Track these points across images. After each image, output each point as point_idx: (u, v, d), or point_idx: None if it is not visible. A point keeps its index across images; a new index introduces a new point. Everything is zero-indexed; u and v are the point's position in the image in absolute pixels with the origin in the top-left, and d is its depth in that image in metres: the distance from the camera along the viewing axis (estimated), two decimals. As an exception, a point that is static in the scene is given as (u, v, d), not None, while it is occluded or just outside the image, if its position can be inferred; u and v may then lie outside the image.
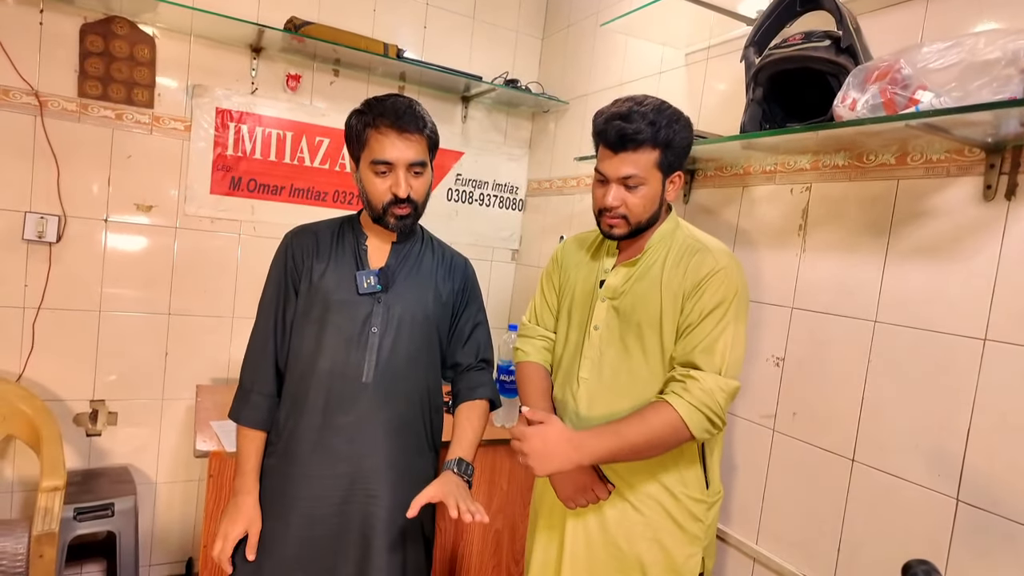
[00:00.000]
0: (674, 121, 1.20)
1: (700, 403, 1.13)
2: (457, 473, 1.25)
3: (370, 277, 1.29)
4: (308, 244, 1.33)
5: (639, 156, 1.19)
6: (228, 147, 2.18)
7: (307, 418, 1.27)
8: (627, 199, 1.22)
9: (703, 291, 1.18)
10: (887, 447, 1.28)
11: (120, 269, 2.07)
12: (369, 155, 1.25)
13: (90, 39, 1.96)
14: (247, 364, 1.33)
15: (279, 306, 1.31)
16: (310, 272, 1.30)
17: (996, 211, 1.14)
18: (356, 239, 1.34)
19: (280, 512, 1.26)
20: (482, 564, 1.90)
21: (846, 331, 1.37)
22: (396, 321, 1.29)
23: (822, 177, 1.45)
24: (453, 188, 2.63)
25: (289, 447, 1.28)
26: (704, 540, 1.27)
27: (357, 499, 1.26)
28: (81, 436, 2.07)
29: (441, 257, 1.41)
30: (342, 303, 1.28)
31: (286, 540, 1.25)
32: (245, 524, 1.26)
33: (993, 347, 1.12)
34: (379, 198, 1.26)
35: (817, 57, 1.22)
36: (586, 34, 2.41)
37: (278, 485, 1.28)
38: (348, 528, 1.26)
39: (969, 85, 1.04)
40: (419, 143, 1.26)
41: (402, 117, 1.23)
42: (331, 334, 1.27)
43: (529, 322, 1.48)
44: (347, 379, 1.26)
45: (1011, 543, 1.08)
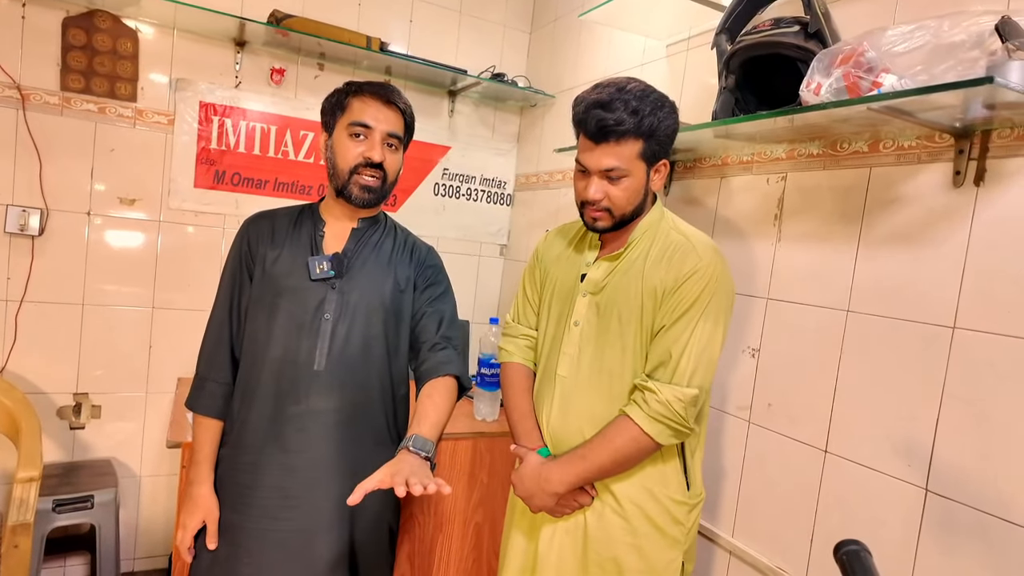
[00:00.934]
0: (658, 108, 1.14)
1: (658, 414, 1.12)
2: (413, 451, 1.09)
3: (323, 263, 1.26)
4: (264, 230, 1.31)
5: (621, 148, 1.14)
6: (212, 141, 2.18)
7: (258, 407, 1.25)
8: (610, 191, 1.17)
9: (681, 290, 1.15)
10: (859, 438, 1.26)
11: (103, 262, 2.08)
12: (348, 118, 1.25)
13: (72, 33, 1.97)
14: (203, 352, 1.31)
15: (234, 293, 1.30)
16: (264, 258, 1.28)
17: (965, 197, 1.12)
18: (314, 225, 1.32)
19: (235, 502, 1.25)
20: (462, 557, 1.89)
21: (819, 321, 1.35)
22: (351, 308, 1.27)
23: (797, 166, 1.44)
24: (440, 183, 2.62)
25: (242, 436, 1.26)
26: (684, 544, 1.24)
27: (313, 491, 1.24)
28: (64, 429, 2.07)
29: (403, 244, 1.39)
30: (293, 289, 1.26)
31: (242, 530, 1.23)
32: (202, 514, 1.25)
33: (961, 335, 1.11)
34: (350, 160, 1.25)
35: (786, 43, 1.21)
36: (572, 28, 2.40)
37: (232, 474, 1.26)
38: (301, 520, 1.24)
39: (935, 68, 1.02)
40: (399, 119, 1.30)
41: (387, 90, 1.29)
42: (282, 321, 1.25)
43: (512, 320, 1.45)
44: (298, 367, 1.24)
45: (978, 533, 1.06)
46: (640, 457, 1.17)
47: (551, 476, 1.21)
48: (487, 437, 1.89)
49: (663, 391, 1.12)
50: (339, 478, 1.25)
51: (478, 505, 1.90)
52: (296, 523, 1.24)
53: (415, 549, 1.81)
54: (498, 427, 1.93)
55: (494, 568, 1.94)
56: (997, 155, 1.08)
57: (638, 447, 1.15)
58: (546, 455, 1.27)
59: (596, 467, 1.18)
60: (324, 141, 1.32)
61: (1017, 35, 0.95)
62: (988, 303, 1.08)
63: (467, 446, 1.86)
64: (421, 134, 2.54)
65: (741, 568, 1.50)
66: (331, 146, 1.29)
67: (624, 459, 1.16)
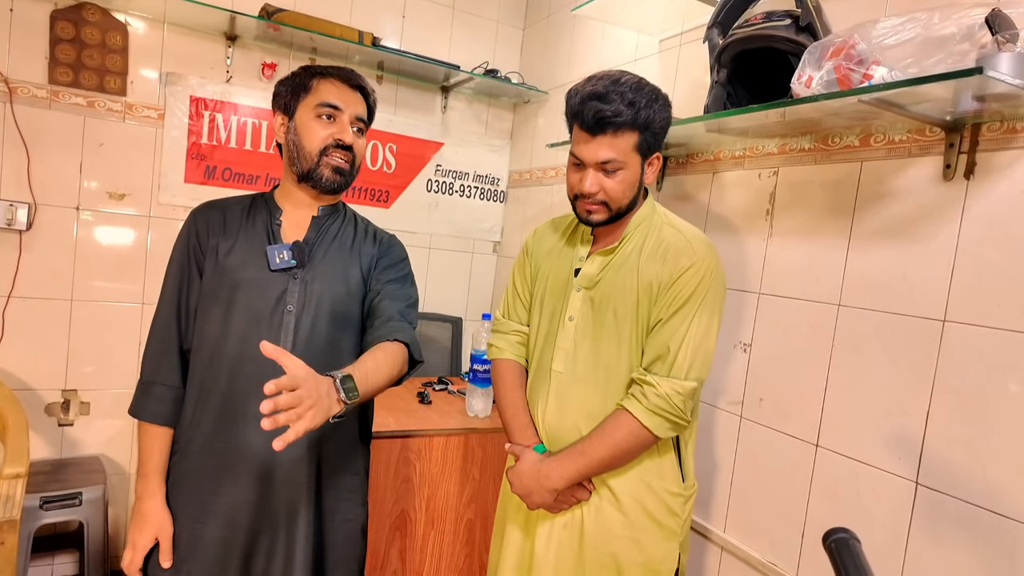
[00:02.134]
0: (653, 101, 1.14)
1: (657, 408, 1.12)
2: (337, 386, 0.96)
3: (283, 251, 1.18)
4: (214, 220, 1.22)
5: (618, 140, 1.13)
6: (203, 135, 2.17)
7: (217, 408, 1.16)
8: (605, 184, 1.16)
9: (677, 284, 1.15)
10: (850, 432, 1.26)
11: (93, 258, 2.06)
12: (315, 99, 1.20)
13: (61, 25, 1.95)
14: (147, 355, 1.21)
15: (182, 289, 1.20)
16: (215, 250, 1.19)
17: (955, 191, 1.12)
18: (269, 214, 1.25)
19: (196, 512, 1.16)
20: (454, 553, 1.88)
21: (811, 316, 1.35)
22: (315, 299, 1.19)
23: (789, 161, 1.44)
24: (433, 179, 2.61)
25: (199, 441, 1.17)
26: (680, 535, 1.24)
27: (278, 495, 1.16)
28: (53, 426, 2.06)
29: (364, 233, 1.32)
30: (251, 281, 1.17)
31: (205, 541, 1.15)
32: (154, 530, 1.15)
33: (952, 328, 1.11)
34: (318, 142, 1.19)
35: (777, 36, 1.21)
36: (565, 23, 2.39)
37: (191, 482, 1.17)
38: (271, 525, 1.17)
39: (925, 61, 1.03)
40: (364, 103, 1.26)
41: (352, 74, 1.25)
42: (239, 315, 1.16)
43: (503, 317, 1.44)
44: (259, 364, 1.08)
45: (967, 525, 1.06)
46: (639, 451, 1.17)
47: (551, 472, 1.20)
48: (479, 433, 1.88)
49: (662, 385, 1.12)
50: (308, 480, 1.18)
51: (470, 501, 1.89)
52: (260, 527, 1.16)
53: (406, 545, 1.80)
54: (490, 423, 1.92)
55: (486, 564, 1.93)
56: (987, 148, 1.08)
57: (637, 441, 1.15)
58: (542, 451, 1.26)
59: (596, 462, 1.17)
60: (281, 124, 1.23)
61: (1007, 27, 0.95)
62: (978, 297, 1.08)
63: (459, 442, 1.85)
64: (414, 130, 2.54)
65: (733, 563, 1.49)
66: (294, 128, 1.21)
67: (623, 453, 1.16)
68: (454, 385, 2.28)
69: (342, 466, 1.25)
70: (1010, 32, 0.95)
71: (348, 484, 1.26)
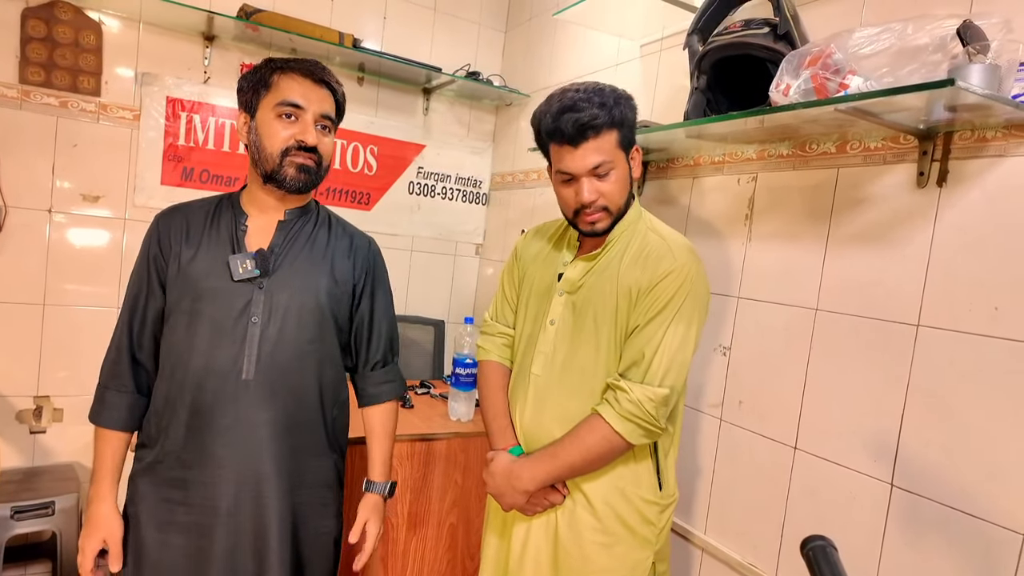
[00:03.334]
0: (619, 98, 1.17)
1: (629, 413, 1.12)
2: (385, 497, 1.34)
3: (246, 261, 1.15)
4: (177, 227, 1.19)
5: (602, 141, 1.15)
6: (180, 137, 2.13)
7: (182, 420, 1.14)
8: (602, 188, 1.17)
9: (655, 290, 1.15)
10: (827, 435, 1.28)
11: (66, 261, 2.02)
12: (276, 97, 1.14)
13: (32, 23, 1.90)
14: (105, 360, 1.21)
15: (139, 297, 1.19)
16: (178, 258, 1.16)
17: (928, 197, 1.15)
18: (234, 218, 1.20)
19: (160, 521, 1.15)
20: (436, 558, 1.88)
21: (789, 319, 1.37)
22: (281, 310, 1.16)
23: (768, 167, 1.46)
24: (415, 181, 2.60)
25: (165, 452, 1.15)
26: (656, 544, 1.24)
27: (248, 508, 1.15)
28: (24, 434, 2.01)
29: (339, 235, 1.28)
30: (214, 291, 1.14)
31: (170, 550, 1.14)
32: (102, 534, 1.14)
33: (925, 332, 1.13)
34: (279, 143, 1.14)
35: (756, 44, 1.22)
36: (547, 27, 2.40)
37: (157, 490, 1.15)
38: (241, 539, 1.15)
39: (899, 71, 1.05)
40: (330, 99, 1.20)
41: (316, 69, 1.19)
42: (202, 327, 1.14)
43: (491, 319, 1.45)
44: (224, 377, 1.13)
45: (941, 526, 1.09)
46: (611, 456, 1.17)
47: (522, 474, 1.21)
48: (462, 437, 1.88)
49: (634, 390, 1.12)
50: (279, 493, 1.17)
51: (452, 506, 1.89)
52: (234, 540, 1.15)
53: (388, 551, 1.79)
54: (473, 427, 1.92)
55: (468, 569, 1.93)
56: (959, 156, 1.11)
57: (609, 446, 1.15)
58: (518, 453, 1.27)
59: (567, 465, 1.18)
60: (244, 123, 1.19)
61: (978, 39, 0.97)
62: (950, 301, 1.10)
63: (442, 446, 1.85)
64: (395, 132, 2.52)
65: (714, 565, 1.51)
66: (255, 128, 1.16)
67: (595, 457, 1.16)
68: (436, 389, 2.27)
69: (313, 479, 1.24)
70: (980, 44, 0.97)
71: (320, 497, 1.26)
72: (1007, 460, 1.01)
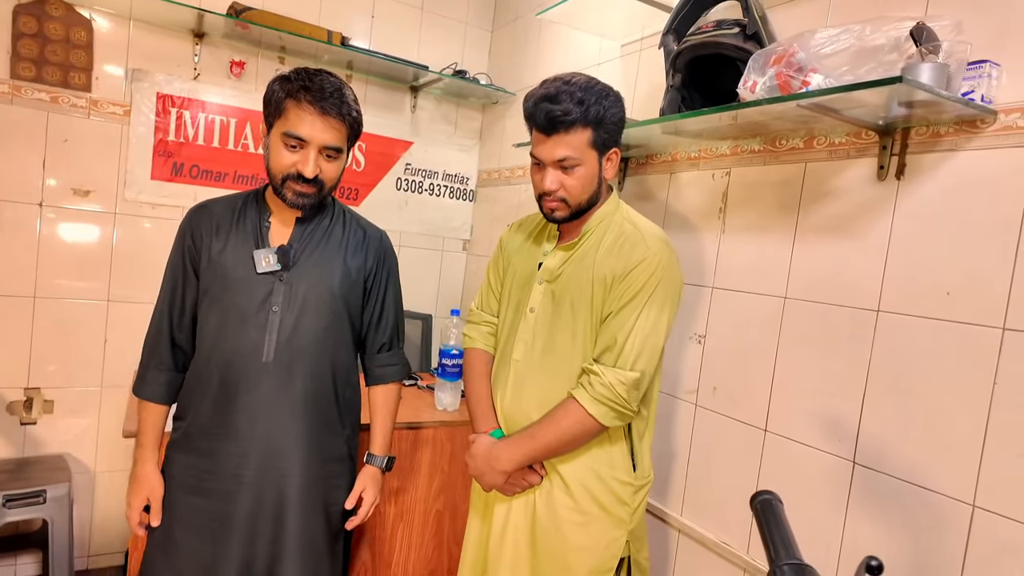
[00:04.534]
0: (603, 97, 1.19)
1: (602, 396, 1.16)
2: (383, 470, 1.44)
3: (268, 256, 1.27)
4: (207, 221, 1.31)
5: (572, 137, 1.18)
6: (170, 132, 2.16)
7: (210, 396, 1.28)
8: (564, 181, 1.22)
9: (628, 278, 1.19)
10: (794, 416, 1.35)
11: (56, 255, 2.04)
12: (284, 126, 1.21)
13: (23, 20, 1.93)
14: (145, 342, 1.35)
15: (176, 285, 1.32)
16: (209, 249, 1.29)
17: (888, 190, 1.21)
18: (259, 215, 1.32)
19: (189, 487, 1.29)
20: (423, 544, 1.92)
21: (760, 308, 1.43)
22: (300, 300, 1.29)
23: (740, 162, 1.52)
24: (403, 177, 2.64)
25: (196, 424, 1.29)
26: (630, 524, 1.28)
27: (268, 478, 1.28)
28: (15, 425, 2.03)
29: (353, 230, 1.39)
30: (240, 281, 1.27)
31: (199, 513, 1.27)
32: (146, 492, 1.29)
33: (884, 317, 1.20)
34: (282, 170, 1.22)
35: (726, 43, 1.28)
36: (532, 27, 2.45)
37: (188, 459, 1.29)
38: (262, 506, 1.28)
39: (859, 69, 1.11)
40: (339, 129, 1.23)
41: (327, 98, 1.20)
42: (229, 313, 1.27)
43: (476, 308, 1.50)
44: (248, 358, 1.26)
45: (897, 499, 1.15)
46: (586, 438, 1.22)
47: (501, 455, 1.26)
48: (448, 426, 1.92)
49: (607, 374, 1.17)
50: (298, 464, 1.30)
51: (439, 493, 1.93)
52: (255, 506, 1.27)
53: (375, 536, 1.84)
54: (459, 416, 1.96)
55: (455, 555, 1.98)
56: (915, 151, 1.17)
57: (583, 428, 1.19)
58: (499, 436, 1.32)
59: (543, 447, 1.23)
60: (263, 133, 1.28)
61: (930, 40, 1.04)
62: (907, 288, 1.16)
63: (428, 435, 1.89)
64: (383, 129, 2.57)
65: (690, 545, 1.57)
66: (267, 145, 1.25)
67: (570, 439, 1.21)
68: (423, 380, 2.32)
69: (328, 453, 1.36)
70: (932, 44, 1.03)
71: (334, 470, 1.38)
72: (957, 436, 1.08)
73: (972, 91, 1.06)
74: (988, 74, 1.05)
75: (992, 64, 1.05)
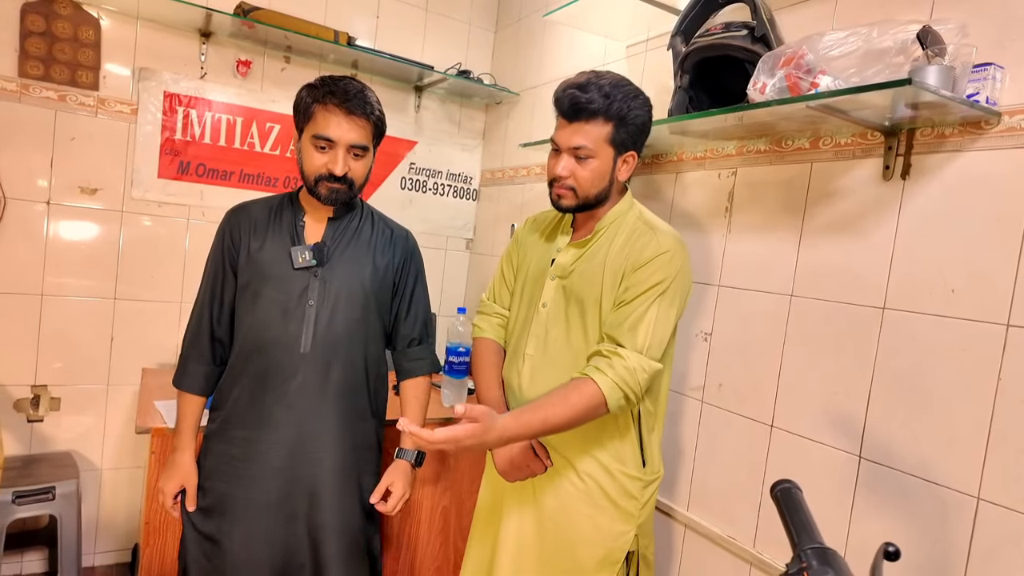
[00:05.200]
0: (631, 97, 1.20)
1: (622, 380, 1.14)
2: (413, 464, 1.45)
3: (305, 252, 1.34)
4: (245, 222, 1.38)
5: (591, 128, 1.20)
6: (176, 131, 2.17)
7: (249, 386, 1.34)
8: (576, 171, 1.23)
9: (640, 272, 1.19)
10: (801, 412, 1.37)
11: (63, 253, 2.05)
12: (313, 129, 1.29)
13: (31, 19, 1.94)
14: (186, 335, 1.41)
15: (216, 282, 1.39)
16: (247, 248, 1.36)
17: (893, 190, 1.23)
18: (294, 215, 1.39)
19: (227, 474, 1.34)
20: (430, 540, 1.94)
21: (766, 306, 1.45)
22: (333, 294, 1.35)
23: (746, 162, 1.54)
24: (407, 177, 2.66)
25: (234, 413, 1.35)
26: (639, 518, 1.28)
27: (303, 462, 1.34)
28: (22, 422, 2.04)
29: (381, 231, 1.46)
30: (278, 277, 1.33)
31: (234, 499, 1.33)
32: (181, 479, 1.35)
33: (890, 315, 1.22)
34: (314, 172, 1.30)
35: (735, 45, 1.30)
36: (535, 27, 2.47)
37: (225, 448, 1.35)
38: (296, 489, 1.34)
39: (866, 71, 1.13)
40: (364, 127, 1.31)
41: (352, 99, 1.28)
42: (268, 307, 1.33)
43: (488, 300, 1.51)
44: (286, 349, 1.32)
45: (902, 492, 1.17)
46: (587, 418, 1.16)
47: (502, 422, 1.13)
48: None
49: (631, 358, 1.14)
50: (331, 450, 1.36)
51: (445, 489, 1.95)
52: (290, 491, 1.34)
53: (382, 533, 1.85)
54: (465, 413, 1.98)
55: (460, 551, 1.99)
56: (921, 151, 1.20)
57: (593, 409, 1.14)
58: None
59: (541, 419, 1.14)
60: (295, 140, 1.36)
61: (936, 43, 1.06)
62: (912, 285, 1.19)
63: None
64: (388, 128, 2.56)
65: (696, 540, 1.59)
66: (300, 149, 1.34)
67: (575, 419, 1.15)
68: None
69: (360, 440, 1.42)
70: (938, 47, 1.06)
71: (364, 456, 1.43)
72: (961, 430, 1.10)
73: (977, 93, 1.08)
74: (993, 77, 1.07)
75: (997, 67, 1.08)
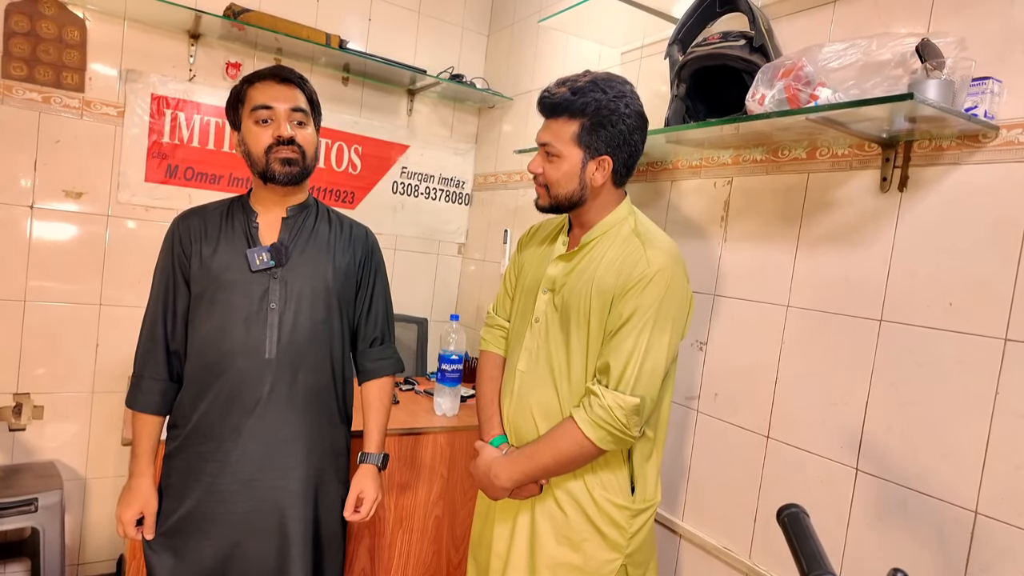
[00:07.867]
0: (611, 98, 1.15)
1: (600, 419, 1.13)
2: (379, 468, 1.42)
3: (262, 254, 1.29)
4: (195, 227, 1.32)
5: (557, 125, 1.19)
6: (164, 134, 2.14)
7: (214, 397, 1.27)
8: (546, 168, 1.22)
9: (626, 297, 1.15)
10: (797, 423, 1.36)
11: (47, 257, 2.00)
12: (249, 105, 1.27)
13: (15, 19, 1.89)
14: (138, 351, 1.33)
15: (168, 293, 1.31)
16: (199, 255, 1.29)
17: (891, 201, 1.23)
18: (246, 217, 1.33)
19: (192, 491, 1.28)
20: (422, 550, 1.91)
21: (762, 316, 1.45)
22: (295, 296, 1.30)
23: (742, 171, 1.54)
24: (399, 181, 2.63)
25: (198, 429, 1.28)
26: (627, 548, 1.23)
27: (271, 473, 1.29)
28: (3, 431, 1.99)
29: (339, 227, 1.41)
30: (235, 282, 1.28)
31: (204, 516, 1.27)
32: (139, 505, 1.27)
33: (887, 327, 1.22)
34: (262, 145, 1.26)
35: (732, 55, 1.30)
36: (529, 32, 2.46)
37: (193, 463, 1.28)
38: (263, 501, 1.28)
39: (864, 84, 1.13)
40: (298, 94, 1.30)
41: (280, 70, 1.30)
42: (227, 314, 1.27)
43: (492, 311, 1.49)
44: (250, 356, 1.27)
45: (900, 505, 1.17)
46: (583, 460, 1.19)
47: (500, 473, 1.25)
48: (447, 432, 1.92)
49: (606, 396, 1.13)
50: (301, 458, 1.32)
51: (438, 499, 1.93)
52: (259, 504, 1.28)
53: (375, 543, 1.83)
54: (458, 421, 1.96)
55: (453, 560, 1.98)
56: (918, 164, 1.20)
57: (581, 450, 1.16)
58: (498, 443, 1.32)
59: (540, 467, 1.21)
60: (236, 140, 1.33)
61: (934, 56, 1.06)
62: (909, 298, 1.19)
63: (427, 441, 1.89)
64: (380, 132, 2.56)
65: (692, 551, 1.58)
66: (242, 139, 1.30)
67: (568, 461, 1.19)
68: (420, 385, 2.31)
69: (329, 446, 1.38)
70: (937, 60, 1.06)
71: (334, 462, 1.39)
72: (958, 443, 1.10)
73: (975, 106, 1.08)
74: (991, 90, 1.07)
75: (995, 81, 1.08)
